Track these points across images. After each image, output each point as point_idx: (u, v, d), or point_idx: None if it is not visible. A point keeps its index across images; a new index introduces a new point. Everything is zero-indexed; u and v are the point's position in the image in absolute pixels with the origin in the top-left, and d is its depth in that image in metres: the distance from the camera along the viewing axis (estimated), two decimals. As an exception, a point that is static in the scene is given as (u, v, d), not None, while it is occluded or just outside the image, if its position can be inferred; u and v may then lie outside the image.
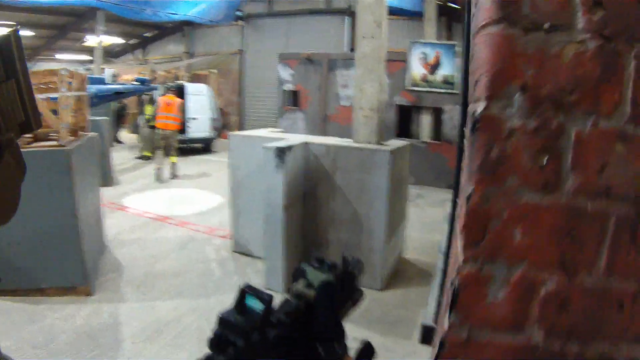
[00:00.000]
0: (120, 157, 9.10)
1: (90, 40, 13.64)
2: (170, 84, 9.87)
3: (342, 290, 0.57)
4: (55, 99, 3.15)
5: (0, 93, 0.34)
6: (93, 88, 6.89)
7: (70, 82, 3.27)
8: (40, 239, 3.19)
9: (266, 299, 0.49)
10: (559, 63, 0.45)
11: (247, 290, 0.50)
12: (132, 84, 10.26)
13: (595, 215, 0.48)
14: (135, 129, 11.04)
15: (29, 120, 0.37)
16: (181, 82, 10.94)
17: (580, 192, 0.48)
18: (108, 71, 10.57)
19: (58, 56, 15.99)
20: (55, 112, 3.14)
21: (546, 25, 0.44)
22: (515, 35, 0.45)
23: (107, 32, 13.06)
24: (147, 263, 4.08)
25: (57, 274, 3.30)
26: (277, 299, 0.54)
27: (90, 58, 14.81)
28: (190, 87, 10.32)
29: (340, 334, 0.55)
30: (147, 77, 10.81)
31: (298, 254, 3.89)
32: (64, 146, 3.13)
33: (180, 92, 8.99)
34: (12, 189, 0.38)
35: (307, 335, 0.53)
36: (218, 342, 0.47)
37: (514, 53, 0.46)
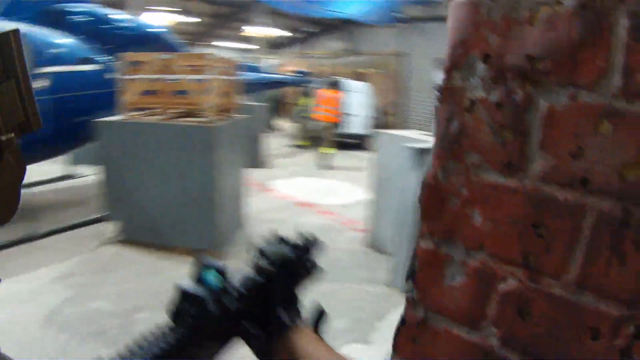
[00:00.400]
0: (276, 143, 9.91)
1: (250, 30, 14.88)
2: (329, 78, 10.50)
3: (300, 265, 0.59)
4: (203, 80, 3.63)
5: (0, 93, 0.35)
6: (249, 75, 7.63)
7: (218, 67, 3.73)
8: (179, 202, 3.65)
9: (222, 270, 0.51)
10: (529, 28, 0.39)
11: (203, 263, 0.51)
12: (292, 76, 11.25)
13: (566, 209, 0.40)
14: (293, 118, 12.08)
15: (29, 121, 0.37)
16: (338, 77, 11.52)
17: (550, 179, 0.41)
18: (268, 61, 11.75)
19: (219, 43, 17.64)
20: (203, 92, 3.63)
21: (515, -15, 0.39)
22: (480, 2, 0.41)
23: (267, 24, 14.09)
24: (280, 242, 4.51)
25: (189, 236, 3.72)
26: (235, 272, 0.57)
27: (252, 47, 16.44)
28: (350, 84, 10.77)
29: (294, 300, 0.57)
30: (306, 70, 11.72)
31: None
32: (208, 124, 3.59)
33: (336, 87, 9.51)
34: (12, 189, 0.38)
35: (267, 307, 0.55)
36: (178, 314, 0.48)
37: (476, 21, 0.41)
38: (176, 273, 3.51)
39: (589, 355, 0.42)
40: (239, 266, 0.58)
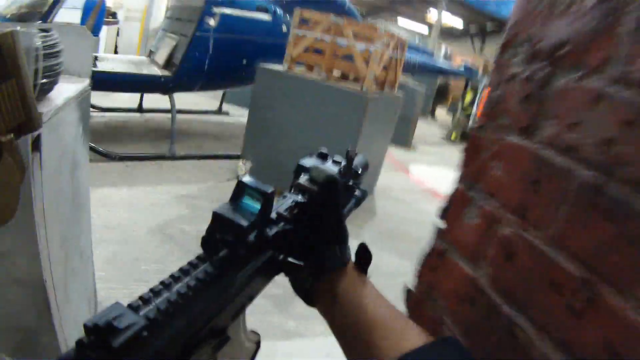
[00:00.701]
0: (428, 129, 9.68)
1: (432, 15, 14.41)
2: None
3: (345, 188, 0.53)
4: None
5: (0, 93, 0.30)
6: (416, 57, 7.42)
7: (386, 41, 3.72)
8: None
9: (266, 193, 0.43)
10: (562, 19, 0.48)
11: (244, 184, 0.44)
12: (458, 67, 10.73)
13: (559, 172, 0.49)
14: (451, 110, 11.51)
15: (29, 121, 0.37)
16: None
17: (550, 143, 0.49)
18: (441, 49, 11.28)
19: (395, 20, 17.09)
20: (366, 61, 3.68)
21: (560, -18, 0.48)
22: (533, -8, 0.50)
23: (450, 12, 13.50)
24: (397, 221, 4.39)
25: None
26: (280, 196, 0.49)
27: (426, 31, 15.88)
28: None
29: (344, 237, 0.50)
30: (474, 66, 11.05)
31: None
32: (363, 92, 3.67)
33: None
34: (11, 189, 0.37)
35: (309, 235, 0.48)
36: (212, 242, 0.42)
37: (527, 10, 0.51)
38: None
39: (550, 309, 0.50)
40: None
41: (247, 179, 0.45)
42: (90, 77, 1.70)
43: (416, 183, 6.27)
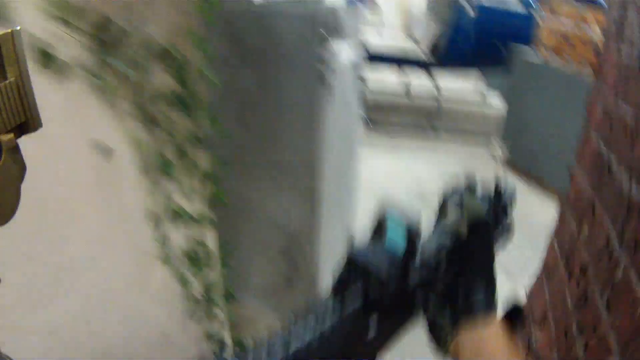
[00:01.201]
0: None
1: None
2: None
3: (495, 227, 0.47)
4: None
5: None
6: None
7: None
8: (572, 146, 3.02)
9: (411, 230, 0.38)
10: None
11: (387, 219, 0.40)
12: None
13: None
14: None
15: (29, 121, 0.37)
16: None
17: None
18: None
19: None
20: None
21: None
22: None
23: None
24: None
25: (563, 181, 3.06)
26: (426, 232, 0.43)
27: None
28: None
29: (491, 280, 0.43)
30: None
31: None
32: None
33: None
34: (12, 190, 0.37)
35: (456, 283, 0.42)
36: (342, 288, 0.37)
37: None
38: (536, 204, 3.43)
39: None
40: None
41: (390, 211, 0.41)
42: (361, 48, 1.93)
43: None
